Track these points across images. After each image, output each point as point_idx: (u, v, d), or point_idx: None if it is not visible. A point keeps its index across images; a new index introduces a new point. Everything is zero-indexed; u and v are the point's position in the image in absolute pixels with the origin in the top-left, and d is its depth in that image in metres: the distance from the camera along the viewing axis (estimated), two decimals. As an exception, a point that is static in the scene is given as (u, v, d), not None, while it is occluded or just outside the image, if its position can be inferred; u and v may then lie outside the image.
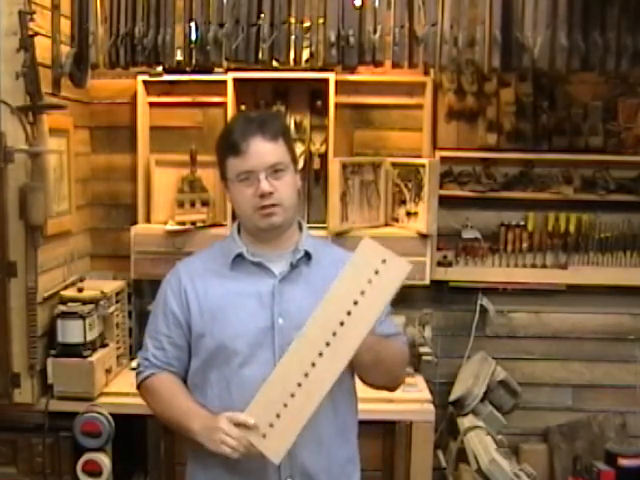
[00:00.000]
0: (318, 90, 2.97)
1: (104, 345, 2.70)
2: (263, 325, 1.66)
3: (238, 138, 1.66)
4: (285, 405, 1.55)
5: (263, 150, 1.65)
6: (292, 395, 1.54)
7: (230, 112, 2.92)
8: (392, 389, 1.85)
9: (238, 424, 1.56)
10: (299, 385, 1.54)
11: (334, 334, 1.53)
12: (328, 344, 1.53)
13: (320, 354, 1.53)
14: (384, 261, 1.53)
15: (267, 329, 1.66)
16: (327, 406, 1.65)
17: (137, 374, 1.83)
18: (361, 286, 1.52)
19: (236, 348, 1.66)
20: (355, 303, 1.53)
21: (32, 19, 2.36)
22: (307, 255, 1.73)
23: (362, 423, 1.86)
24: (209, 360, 1.69)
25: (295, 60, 2.54)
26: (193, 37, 2.53)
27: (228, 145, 1.68)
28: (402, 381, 1.87)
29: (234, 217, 2.88)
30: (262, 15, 2.47)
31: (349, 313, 1.53)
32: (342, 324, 1.53)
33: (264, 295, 1.68)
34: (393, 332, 1.79)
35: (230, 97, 2.92)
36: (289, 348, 1.56)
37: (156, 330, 1.77)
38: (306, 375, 1.54)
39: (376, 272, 1.52)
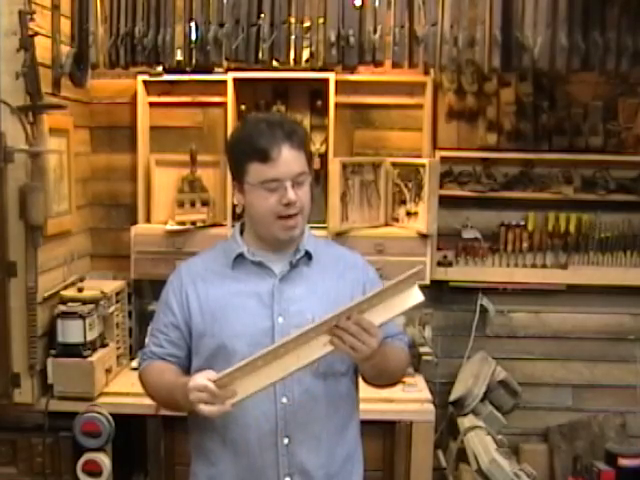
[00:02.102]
0: (318, 90, 2.97)
1: (104, 345, 2.71)
2: (263, 325, 1.67)
3: (267, 144, 1.62)
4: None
5: (291, 159, 1.63)
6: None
7: (230, 112, 2.92)
8: (392, 386, 1.87)
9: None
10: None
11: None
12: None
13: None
14: (402, 282, 1.52)
15: (267, 329, 1.67)
16: (325, 404, 1.67)
17: (138, 368, 1.87)
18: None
19: (235, 348, 1.66)
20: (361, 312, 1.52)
21: (32, 19, 2.36)
22: (308, 255, 1.74)
23: (362, 423, 1.86)
24: (210, 359, 1.70)
25: (295, 60, 2.55)
26: (193, 37, 2.54)
27: (254, 150, 1.64)
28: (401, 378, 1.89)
29: (234, 217, 2.89)
30: (262, 15, 2.48)
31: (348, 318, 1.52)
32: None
33: (264, 294, 1.69)
34: (395, 332, 1.81)
35: (230, 97, 2.92)
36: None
37: (157, 328, 1.80)
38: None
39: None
